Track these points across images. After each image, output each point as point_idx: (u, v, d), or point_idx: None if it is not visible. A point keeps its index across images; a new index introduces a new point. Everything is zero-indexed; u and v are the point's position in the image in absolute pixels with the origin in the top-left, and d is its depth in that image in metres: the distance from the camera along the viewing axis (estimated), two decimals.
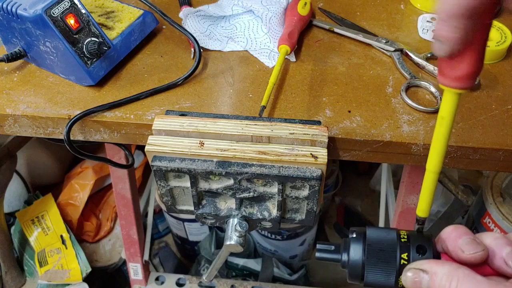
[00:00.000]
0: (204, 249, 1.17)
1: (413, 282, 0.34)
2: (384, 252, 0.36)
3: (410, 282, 0.34)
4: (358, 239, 0.37)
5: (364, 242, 0.37)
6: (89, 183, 1.12)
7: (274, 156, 0.48)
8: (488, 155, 0.52)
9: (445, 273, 0.33)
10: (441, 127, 0.34)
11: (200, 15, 0.65)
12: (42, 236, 1.04)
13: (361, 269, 0.37)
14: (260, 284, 1.01)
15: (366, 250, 0.36)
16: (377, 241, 0.36)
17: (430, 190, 0.36)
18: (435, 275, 0.33)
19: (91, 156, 0.57)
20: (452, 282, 0.32)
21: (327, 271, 1.20)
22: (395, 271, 0.36)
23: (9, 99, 0.57)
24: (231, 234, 0.53)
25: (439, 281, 0.33)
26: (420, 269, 0.34)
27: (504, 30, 0.63)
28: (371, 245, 0.36)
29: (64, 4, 0.54)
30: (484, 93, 0.58)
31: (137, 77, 0.60)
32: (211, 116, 0.53)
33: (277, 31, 0.64)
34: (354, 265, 0.37)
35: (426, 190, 0.36)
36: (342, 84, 0.59)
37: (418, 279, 0.34)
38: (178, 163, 0.48)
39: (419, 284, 0.34)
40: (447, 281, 0.32)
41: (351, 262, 0.37)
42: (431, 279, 0.33)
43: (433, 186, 0.36)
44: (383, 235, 0.37)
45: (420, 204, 0.37)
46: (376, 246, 0.36)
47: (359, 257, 0.37)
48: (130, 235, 0.92)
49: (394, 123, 0.54)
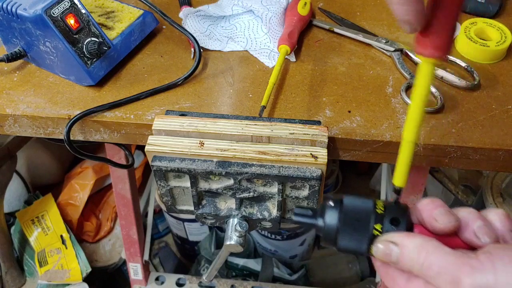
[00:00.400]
0: (204, 249, 1.17)
1: (384, 254, 0.35)
2: (358, 221, 0.37)
3: (381, 254, 0.35)
4: (335, 206, 0.38)
5: (340, 210, 0.38)
6: (89, 183, 1.12)
7: (274, 156, 0.48)
8: (488, 155, 0.52)
9: (414, 246, 0.33)
10: (417, 96, 0.35)
11: (200, 15, 0.65)
12: (42, 236, 1.04)
13: (335, 235, 0.38)
14: (260, 284, 1.01)
15: (341, 218, 0.37)
16: (352, 210, 0.37)
17: (407, 160, 0.37)
18: (404, 247, 0.34)
19: (91, 156, 0.57)
20: (421, 254, 0.33)
21: (327, 271, 1.20)
22: (368, 240, 0.36)
23: (9, 99, 0.57)
24: (231, 234, 0.53)
25: (408, 254, 0.34)
26: (391, 241, 0.35)
27: (504, 30, 0.63)
28: (347, 214, 0.37)
29: (64, 4, 0.54)
30: (484, 93, 0.58)
31: (137, 77, 0.60)
32: (211, 116, 0.53)
33: (277, 31, 0.64)
34: (328, 231, 0.38)
35: (402, 160, 0.37)
36: (342, 84, 0.59)
37: (388, 251, 0.35)
38: (178, 163, 0.48)
39: (389, 256, 0.35)
40: (416, 253, 0.33)
41: (326, 228, 0.38)
42: (401, 251, 0.34)
43: (409, 155, 0.37)
44: (360, 205, 0.38)
45: (397, 173, 0.37)
46: (351, 215, 0.37)
47: (334, 224, 0.37)
48: (130, 235, 0.92)
49: (394, 123, 0.54)
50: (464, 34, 0.63)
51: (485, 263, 0.31)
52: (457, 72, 0.61)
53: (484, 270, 0.30)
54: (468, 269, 0.31)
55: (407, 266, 0.34)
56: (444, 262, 0.32)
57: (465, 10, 0.70)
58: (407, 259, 0.34)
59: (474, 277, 0.30)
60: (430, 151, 0.53)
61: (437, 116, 0.55)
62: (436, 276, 0.32)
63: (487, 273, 0.30)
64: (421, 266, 0.33)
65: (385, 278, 0.38)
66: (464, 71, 0.61)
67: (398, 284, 0.36)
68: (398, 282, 0.36)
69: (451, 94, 0.58)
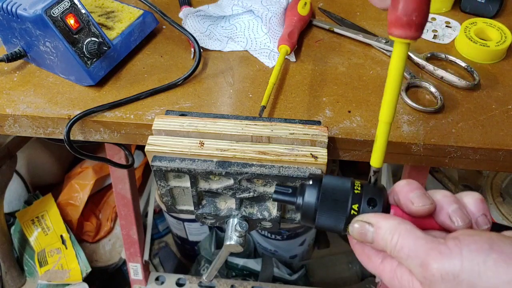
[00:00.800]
0: (204, 249, 1.17)
1: (359, 234, 0.36)
2: (336, 200, 0.37)
3: (357, 233, 0.36)
4: (314, 185, 0.38)
5: (319, 189, 0.38)
6: (89, 183, 1.12)
7: (274, 156, 0.48)
8: (488, 155, 0.52)
9: (388, 227, 0.35)
10: (391, 78, 0.35)
11: (200, 15, 0.65)
12: (42, 236, 1.04)
13: (313, 213, 0.38)
14: (260, 284, 1.01)
15: (319, 197, 0.38)
16: (331, 189, 0.38)
17: (384, 141, 0.37)
18: (379, 228, 0.35)
19: (91, 156, 0.57)
20: (394, 235, 0.34)
21: (327, 271, 1.20)
22: (345, 219, 0.37)
23: (9, 99, 0.57)
24: (231, 234, 0.53)
25: (382, 234, 0.35)
26: (367, 222, 0.36)
27: (504, 30, 0.63)
28: (325, 193, 0.38)
29: (64, 4, 0.54)
30: (484, 93, 0.58)
31: (137, 77, 0.60)
32: (211, 116, 0.53)
33: (277, 31, 0.64)
34: (307, 209, 0.38)
35: (379, 141, 0.37)
36: (342, 84, 0.59)
37: (363, 231, 0.36)
38: (178, 163, 0.48)
39: (364, 236, 0.36)
40: (390, 234, 0.34)
41: (305, 206, 0.38)
42: (375, 232, 0.35)
43: (386, 136, 0.37)
44: (338, 184, 0.38)
45: (374, 154, 0.38)
46: (329, 194, 0.38)
47: (312, 202, 0.38)
48: (130, 235, 0.92)
49: (394, 123, 0.54)
50: (464, 34, 0.63)
51: (453, 250, 0.31)
52: (457, 72, 0.61)
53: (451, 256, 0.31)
54: (436, 254, 0.32)
55: (381, 246, 0.35)
56: (415, 246, 0.33)
57: (465, 10, 0.70)
58: (381, 240, 0.35)
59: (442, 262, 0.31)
60: (430, 151, 0.53)
61: (437, 116, 0.55)
62: (406, 258, 0.33)
63: (454, 259, 0.31)
64: (393, 248, 0.34)
65: (361, 256, 0.39)
66: (464, 71, 0.61)
67: (373, 263, 0.37)
68: (373, 261, 0.37)
69: (451, 94, 0.58)
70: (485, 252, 0.31)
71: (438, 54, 0.63)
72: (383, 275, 0.37)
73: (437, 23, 0.69)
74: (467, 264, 0.31)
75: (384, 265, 0.37)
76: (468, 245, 0.31)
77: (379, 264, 0.37)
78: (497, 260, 0.30)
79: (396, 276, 0.35)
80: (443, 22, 0.69)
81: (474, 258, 0.31)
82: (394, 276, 0.36)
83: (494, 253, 0.30)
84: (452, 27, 0.68)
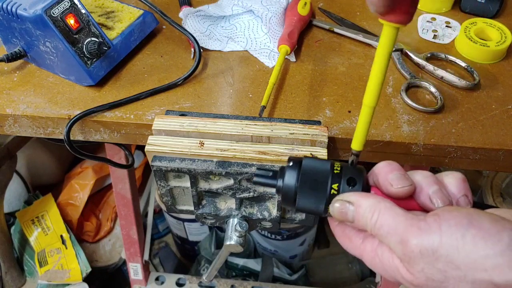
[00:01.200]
0: (204, 249, 1.17)
1: (340, 213, 0.36)
2: (316, 181, 0.37)
3: (337, 212, 0.36)
4: (294, 167, 0.38)
5: (299, 171, 0.38)
6: (89, 183, 1.12)
7: (274, 156, 0.48)
8: (488, 155, 0.52)
9: (368, 205, 0.35)
10: (378, 61, 0.35)
11: (200, 15, 0.65)
12: (42, 236, 1.04)
13: (294, 195, 0.38)
14: (260, 284, 1.01)
15: (299, 178, 0.38)
16: (310, 171, 0.38)
17: (366, 124, 0.37)
18: (359, 207, 0.35)
19: (91, 156, 0.57)
20: (374, 213, 0.34)
21: (327, 271, 1.20)
22: (325, 200, 0.37)
23: (9, 99, 0.57)
24: (231, 234, 0.53)
25: (362, 213, 0.35)
26: (347, 200, 0.36)
27: (504, 30, 0.63)
28: (305, 174, 0.38)
29: (64, 4, 0.54)
30: (484, 93, 0.58)
31: (137, 77, 0.60)
32: (211, 116, 0.53)
33: (277, 31, 0.64)
34: (287, 191, 0.38)
35: (361, 124, 0.37)
36: (342, 84, 0.59)
37: (344, 210, 0.36)
38: (178, 163, 0.48)
39: (345, 214, 0.36)
40: (370, 212, 0.34)
41: (285, 188, 0.38)
42: (355, 210, 0.35)
43: (368, 120, 0.37)
44: (318, 166, 0.38)
45: (355, 137, 0.38)
46: (309, 175, 0.38)
47: (292, 184, 0.38)
48: (130, 235, 0.92)
49: (394, 123, 0.54)
50: (464, 34, 0.63)
51: (432, 225, 0.32)
52: (457, 72, 0.61)
53: (431, 232, 0.31)
54: (416, 231, 0.32)
55: (362, 224, 0.35)
56: (394, 223, 0.33)
57: (465, 10, 0.70)
58: (362, 218, 0.35)
59: (421, 238, 0.31)
60: (430, 151, 0.53)
61: (437, 116, 0.55)
62: (386, 235, 0.34)
63: (433, 235, 0.31)
64: (373, 226, 0.34)
65: (342, 238, 0.39)
66: (464, 71, 0.61)
67: (354, 244, 0.38)
68: (354, 242, 0.38)
69: (451, 94, 0.58)
70: (464, 227, 0.31)
71: (438, 54, 0.63)
72: (364, 255, 0.37)
73: (437, 23, 0.69)
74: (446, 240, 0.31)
75: (365, 245, 0.37)
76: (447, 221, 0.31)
77: (360, 245, 0.37)
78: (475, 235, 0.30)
79: (377, 255, 0.36)
80: (443, 22, 0.69)
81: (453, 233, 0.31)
82: (375, 255, 0.36)
83: (473, 229, 0.31)
84: (452, 27, 0.68)
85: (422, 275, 0.32)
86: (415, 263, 0.32)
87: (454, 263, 0.31)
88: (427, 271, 0.32)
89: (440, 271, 0.31)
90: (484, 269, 0.30)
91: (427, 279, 0.32)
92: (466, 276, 0.30)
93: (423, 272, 0.32)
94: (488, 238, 0.30)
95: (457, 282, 0.31)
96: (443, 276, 0.31)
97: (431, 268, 0.31)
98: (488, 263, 0.30)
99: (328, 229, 1.32)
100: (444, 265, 0.31)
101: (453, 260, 0.31)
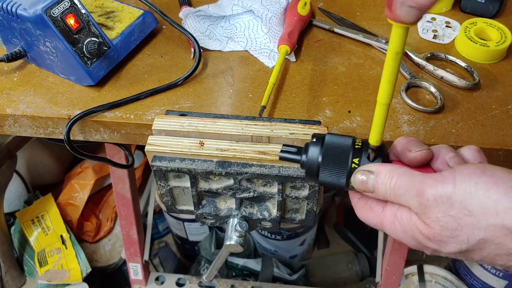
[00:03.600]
0: (204, 249, 1.17)
1: (361, 182, 0.38)
2: (338, 156, 0.39)
3: (358, 183, 0.38)
4: (317, 143, 0.40)
5: (321, 146, 0.40)
6: (89, 183, 1.12)
7: (274, 156, 0.48)
8: (488, 155, 0.52)
9: (387, 171, 0.36)
10: (392, 61, 0.36)
11: (200, 15, 0.65)
12: (42, 236, 1.04)
13: (316, 169, 0.40)
14: (260, 284, 1.01)
15: (322, 153, 0.40)
16: (333, 146, 0.40)
17: (382, 121, 0.38)
18: (379, 174, 0.37)
19: (91, 156, 0.57)
20: (393, 178, 0.36)
21: (327, 271, 1.20)
22: (346, 173, 0.39)
23: (9, 99, 0.57)
24: (231, 234, 0.53)
25: (382, 179, 0.37)
26: (367, 170, 0.38)
27: (504, 30, 0.63)
28: (327, 150, 0.40)
29: (64, 4, 0.54)
30: (484, 93, 0.58)
31: (137, 77, 0.60)
32: (211, 116, 0.53)
33: (277, 31, 0.64)
34: (310, 165, 0.40)
35: (378, 121, 0.38)
36: (342, 84, 0.59)
37: (365, 179, 0.38)
38: (178, 163, 0.48)
39: (366, 183, 0.38)
40: (389, 177, 0.36)
41: (308, 162, 0.40)
42: (375, 178, 0.37)
43: (384, 117, 0.38)
44: (340, 141, 0.40)
45: (372, 133, 0.39)
46: (331, 151, 0.40)
47: (315, 159, 0.40)
48: (130, 235, 0.92)
49: (394, 123, 0.54)
50: (464, 34, 0.63)
51: (447, 176, 0.33)
52: (457, 72, 0.61)
53: (445, 181, 0.33)
54: (431, 181, 0.34)
55: (382, 192, 0.37)
56: (411, 181, 0.35)
57: (465, 10, 0.70)
58: (381, 185, 0.37)
59: (436, 187, 0.33)
60: None
61: (437, 116, 0.55)
62: (404, 193, 0.35)
63: (448, 184, 0.33)
64: (392, 189, 0.36)
65: (363, 209, 0.40)
66: (464, 71, 0.61)
67: (375, 213, 0.39)
68: (375, 210, 0.39)
69: (451, 94, 0.58)
70: (478, 175, 0.32)
71: (438, 54, 0.63)
72: (384, 221, 0.38)
73: (437, 23, 0.69)
74: (459, 187, 0.32)
75: (385, 212, 0.38)
76: (461, 171, 0.33)
77: (380, 212, 0.38)
78: (487, 182, 0.32)
79: (397, 217, 0.37)
80: (443, 22, 0.69)
81: (466, 181, 0.32)
82: (395, 219, 0.37)
83: (485, 176, 0.32)
84: (452, 27, 0.68)
85: (437, 224, 0.33)
86: (430, 212, 0.33)
87: (467, 209, 0.32)
88: (441, 219, 0.33)
89: (454, 218, 0.32)
90: (496, 213, 0.31)
91: (441, 228, 0.33)
92: (479, 222, 0.32)
93: (437, 220, 0.33)
94: (501, 184, 0.31)
95: (470, 229, 0.32)
96: (457, 224, 0.32)
97: (445, 216, 0.33)
98: (500, 207, 0.31)
99: (328, 229, 1.32)
100: (457, 212, 0.32)
101: (466, 205, 0.32)
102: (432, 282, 1.05)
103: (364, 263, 1.19)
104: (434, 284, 1.05)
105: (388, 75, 0.36)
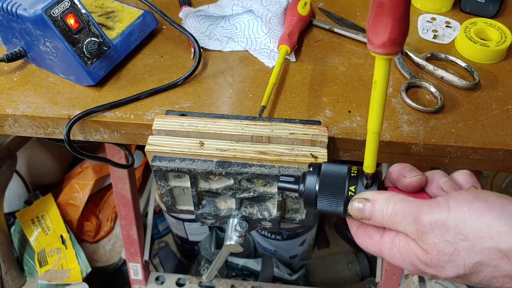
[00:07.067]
0: (204, 249, 1.17)
1: (358, 210, 0.38)
2: (334, 184, 0.40)
3: (355, 210, 0.39)
4: (314, 172, 0.41)
5: (318, 175, 0.41)
6: (89, 183, 1.12)
7: (274, 156, 0.48)
8: (488, 155, 0.52)
9: (384, 199, 0.37)
10: (375, 91, 0.37)
11: (200, 15, 0.65)
12: (42, 236, 1.04)
13: (314, 198, 0.41)
14: (260, 284, 1.01)
15: (319, 182, 0.41)
16: (329, 175, 0.41)
17: (375, 148, 0.39)
18: (375, 202, 0.38)
19: (91, 156, 0.57)
20: (389, 204, 0.37)
21: (327, 271, 1.20)
22: (343, 201, 0.40)
23: (9, 99, 0.57)
24: (231, 234, 0.53)
25: (378, 206, 0.37)
26: (364, 198, 0.38)
27: (504, 30, 0.63)
28: (324, 178, 0.41)
29: (64, 4, 0.54)
30: (484, 93, 0.58)
31: (137, 77, 0.60)
32: (211, 116, 0.53)
33: (277, 31, 0.64)
34: (308, 195, 0.41)
35: (370, 149, 0.39)
36: (342, 84, 0.59)
37: (361, 207, 0.38)
38: (178, 163, 0.48)
39: (363, 211, 0.38)
40: (385, 204, 0.37)
41: (306, 191, 0.41)
42: (372, 206, 0.38)
43: (376, 144, 0.39)
44: (336, 170, 0.41)
45: (366, 161, 0.39)
46: (328, 179, 0.41)
47: (313, 188, 0.41)
48: (130, 235, 0.92)
49: (394, 123, 0.54)
50: (464, 34, 0.63)
51: (441, 202, 0.34)
52: (457, 72, 0.61)
53: (440, 208, 0.34)
54: (426, 208, 0.35)
55: (379, 219, 0.38)
56: (408, 207, 0.36)
57: (465, 10, 0.70)
58: (378, 212, 0.37)
59: (432, 214, 0.34)
60: (430, 151, 0.53)
61: (437, 116, 0.55)
62: (401, 220, 0.36)
63: (442, 210, 0.34)
64: (389, 216, 0.37)
65: (362, 237, 0.41)
66: (464, 71, 0.61)
67: (374, 239, 0.39)
68: (374, 238, 0.39)
69: (451, 94, 0.58)
70: (470, 200, 0.33)
71: (438, 54, 0.63)
72: (383, 248, 0.38)
73: (437, 23, 0.69)
74: (454, 213, 0.33)
75: (384, 239, 0.39)
76: (454, 197, 0.34)
77: (379, 240, 0.39)
78: (480, 207, 0.33)
79: (395, 244, 0.37)
80: (443, 22, 0.69)
81: (460, 207, 0.33)
82: (393, 246, 0.37)
83: (478, 202, 0.33)
84: (452, 27, 0.68)
85: (434, 249, 0.34)
86: (427, 238, 0.34)
87: (462, 233, 0.33)
88: (438, 244, 0.34)
89: (450, 243, 0.33)
90: (490, 236, 0.32)
91: (438, 253, 0.34)
92: (474, 246, 0.32)
93: (434, 246, 0.34)
94: (493, 209, 0.32)
95: (466, 253, 0.33)
96: (453, 248, 0.33)
97: (441, 241, 0.33)
98: (493, 231, 0.32)
99: (328, 229, 1.32)
100: (453, 237, 0.33)
101: (461, 230, 0.33)
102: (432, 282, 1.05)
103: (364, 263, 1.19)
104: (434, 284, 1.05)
105: (375, 105, 0.37)
